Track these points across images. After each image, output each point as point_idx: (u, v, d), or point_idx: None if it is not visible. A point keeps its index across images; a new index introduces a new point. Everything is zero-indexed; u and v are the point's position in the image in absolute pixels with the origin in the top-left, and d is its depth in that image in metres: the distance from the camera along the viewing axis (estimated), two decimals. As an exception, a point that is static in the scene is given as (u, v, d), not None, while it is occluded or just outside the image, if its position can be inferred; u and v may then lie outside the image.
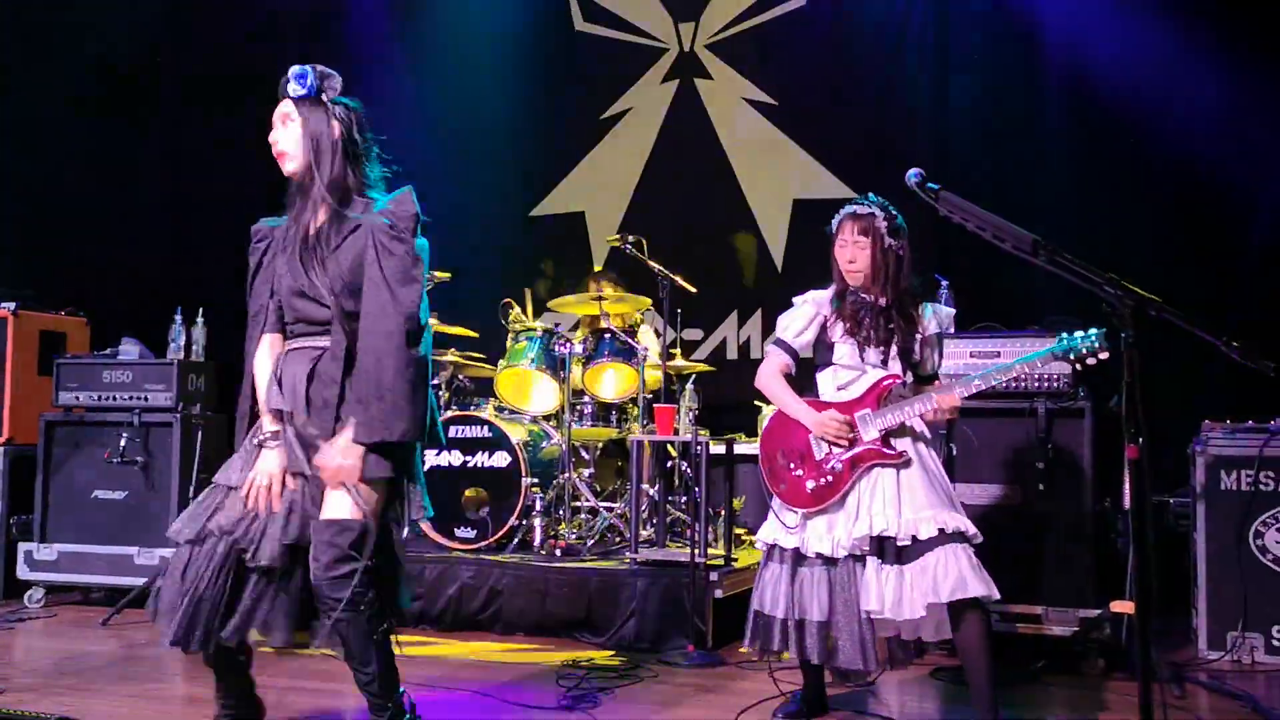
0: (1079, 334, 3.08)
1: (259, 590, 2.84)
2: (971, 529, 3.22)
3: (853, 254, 3.36)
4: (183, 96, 7.64)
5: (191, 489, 5.18)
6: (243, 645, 2.90)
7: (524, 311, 5.82)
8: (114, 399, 5.44)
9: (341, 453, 2.77)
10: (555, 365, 5.50)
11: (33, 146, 7.02)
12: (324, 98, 2.92)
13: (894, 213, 3.39)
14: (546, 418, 5.71)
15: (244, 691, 3.04)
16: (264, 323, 2.99)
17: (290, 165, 2.92)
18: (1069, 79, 6.22)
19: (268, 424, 2.90)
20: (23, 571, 5.39)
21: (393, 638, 2.91)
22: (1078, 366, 3.09)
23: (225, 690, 2.99)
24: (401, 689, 2.92)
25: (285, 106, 2.92)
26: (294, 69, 2.91)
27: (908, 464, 3.28)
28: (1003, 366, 3.24)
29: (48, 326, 5.82)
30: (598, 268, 7.19)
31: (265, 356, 2.99)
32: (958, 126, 6.52)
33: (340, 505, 2.79)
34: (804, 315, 3.47)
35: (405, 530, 3.03)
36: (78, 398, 5.49)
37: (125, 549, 5.27)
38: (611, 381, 5.62)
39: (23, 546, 5.40)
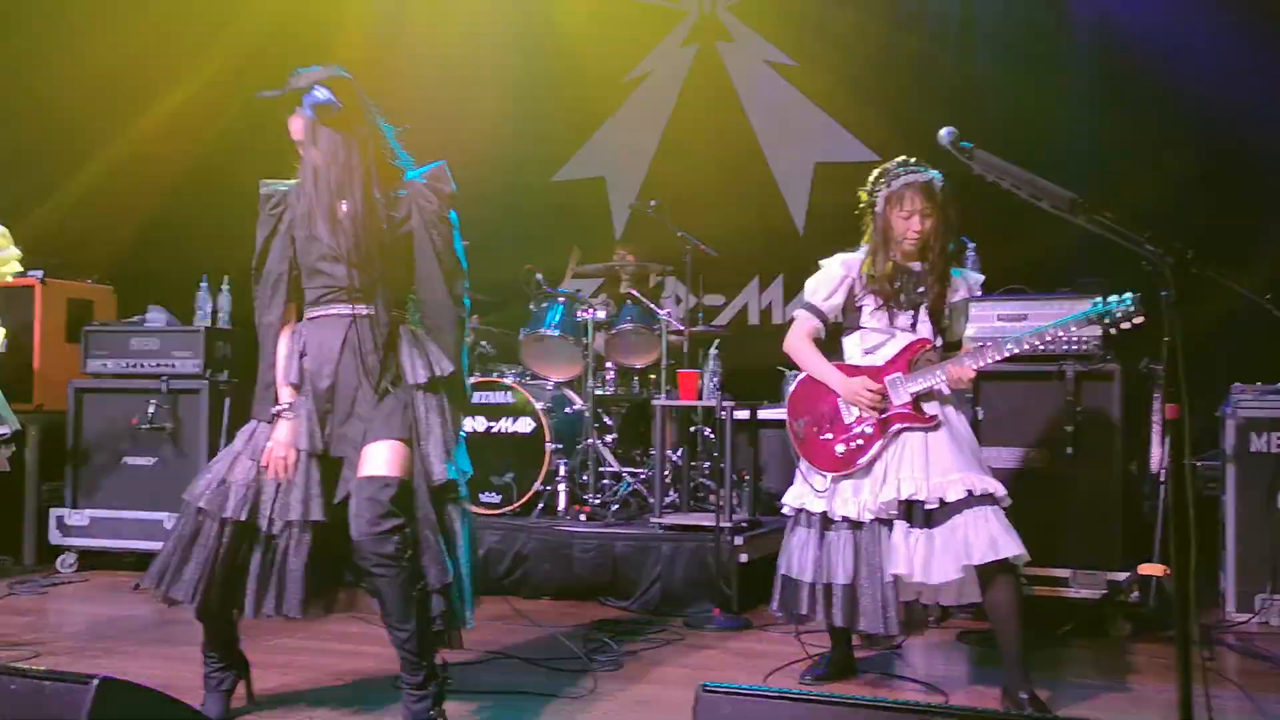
0: (1114, 298, 3.05)
1: (269, 562, 2.92)
2: (1000, 491, 3.21)
3: (920, 224, 3.29)
4: (205, 65, 7.61)
5: (219, 455, 5.22)
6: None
7: (566, 268, 5.79)
8: (142, 366, 5.47)
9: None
10: (578, 331, 5.50)
11: (57, 118, 7.03)
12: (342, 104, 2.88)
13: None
14: (569, 383, 5.72)
15: (232, 643, 3.12)
16: (285, 291, 3.01)
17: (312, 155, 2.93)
18: (1098, 32, 6.14)
19: (285, 395, 2.96)
20: (55, 537, 5.45)
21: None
22: (1112, 331, 3.06)
23: (215, 643, 3.07)
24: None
25: (304, 116, 2.90)
26: (315, 96, 2.85)
27: (936, 427, 3.27)
28: (1036, 331, 3.21)
29: (75, 295, 5.86)
30: (619, 234, 7.18)
31: (285, 327, 3.03)
32: (983, 86, 6.44)
33: (379, 462, 2.82)
34: (833, 278, 3.44)
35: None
36: (106, 365, 5.53)
37: (155, 514, 5.31)
38: (634, 347, 5.61)
39: (54, 512, 5.46)
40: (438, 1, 7.90)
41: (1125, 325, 3.04)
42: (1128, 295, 3.03)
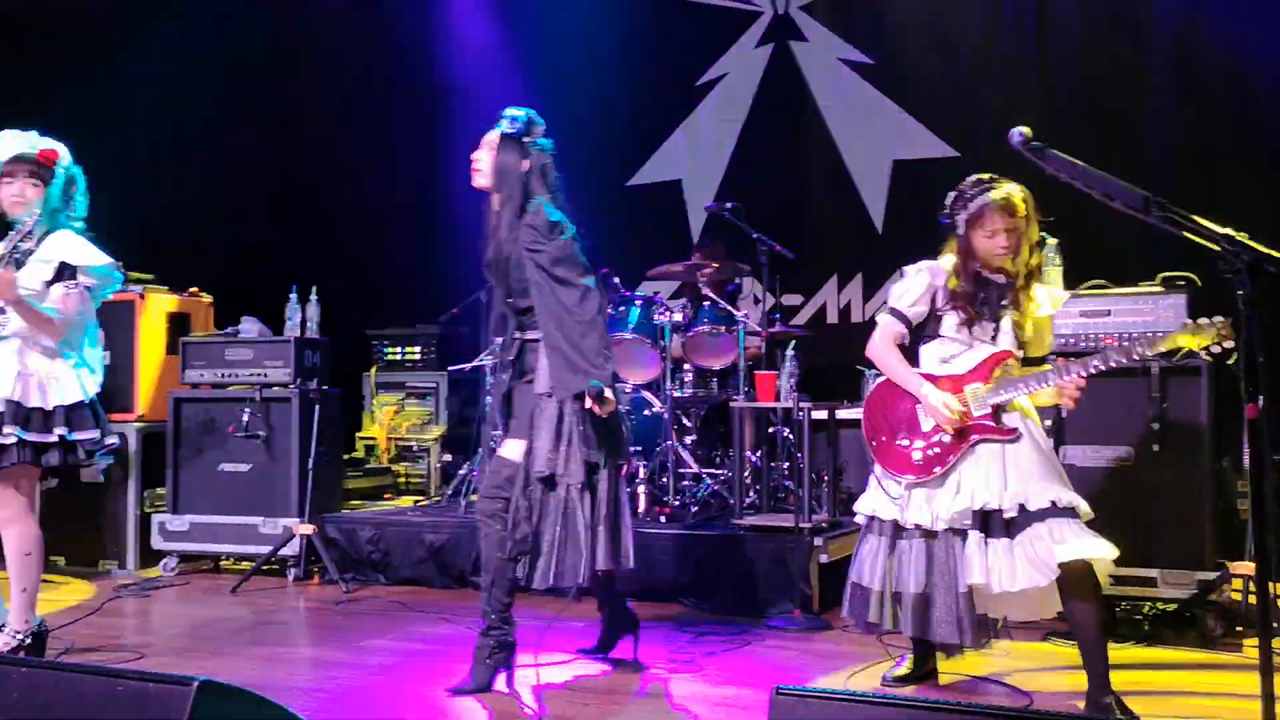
0: (1204, 320, 2.95)
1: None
2: (1083, 505, 3.17)
3: (1005, 241, 3.23)
4: (302, 86, 7.87)
5: (311, 461, 5.38)
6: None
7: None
8: (236, 376, 5.67)
9: None
10: (655, 333, 5.54)
11: (154, 136, 7.31)
12: (524, 140, 3.51)
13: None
14: (647, 386, 5.77)
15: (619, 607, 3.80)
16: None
17: (480, 180, 3.55)
18: (1178, 23, 6.00)
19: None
20: (157, 542, 5.67)
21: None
22: (1203, 355, 2.97)
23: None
24: None
25: (492, 135, 3.53)
26: (512, 111, 3.52)
27: (1016, 439, 3.23)
28: (1123, 348, 3.16)
29: (173, 308, 6.08)
30: (695, 236, 7.21)
31: None
32: (1061, 79, 6.34)
33: (505, 449, 3.51)
34: (919, 284, 3.39)
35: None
36: (203, 375, 5.74)
37: (251, 519, 5.50)
38: (711, 348, 5.63)
39: (156, 518, 5.69)
40: (514, 6, 8.05)
41: (1215, 350, 2.95)
42: (1218, 318, 2.93)
